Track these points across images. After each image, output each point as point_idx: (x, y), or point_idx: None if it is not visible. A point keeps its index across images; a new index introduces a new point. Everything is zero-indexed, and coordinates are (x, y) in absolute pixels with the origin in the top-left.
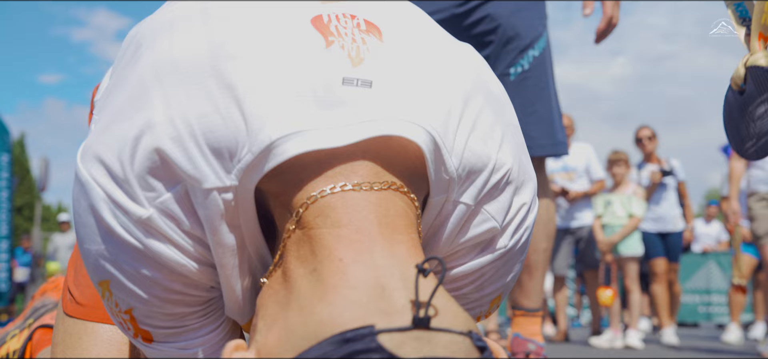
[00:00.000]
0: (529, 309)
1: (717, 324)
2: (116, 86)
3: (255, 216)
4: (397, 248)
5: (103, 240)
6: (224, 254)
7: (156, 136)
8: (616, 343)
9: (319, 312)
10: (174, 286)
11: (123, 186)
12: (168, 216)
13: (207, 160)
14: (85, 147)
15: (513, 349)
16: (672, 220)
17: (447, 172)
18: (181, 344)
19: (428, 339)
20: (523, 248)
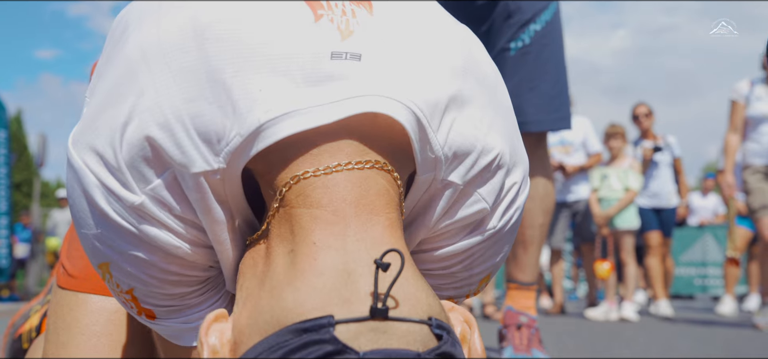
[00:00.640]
0: (523, 283)
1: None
2: (105, 69)
3: (242, 194)
4: (371, 230)
5: (98, 225)
6: (219, 231)
7: (144, 123)
8: (612, 315)
9: (285, 298)
10: (171, 268)
11: (115, 174)
12: (160, 202)
13: (195, 144)
14: (76, 133)
15: (505, 322)
16: (666, 196)
17: (432, 150)
18: (183, 319)
19: (384, 329)
20: (513, 229)
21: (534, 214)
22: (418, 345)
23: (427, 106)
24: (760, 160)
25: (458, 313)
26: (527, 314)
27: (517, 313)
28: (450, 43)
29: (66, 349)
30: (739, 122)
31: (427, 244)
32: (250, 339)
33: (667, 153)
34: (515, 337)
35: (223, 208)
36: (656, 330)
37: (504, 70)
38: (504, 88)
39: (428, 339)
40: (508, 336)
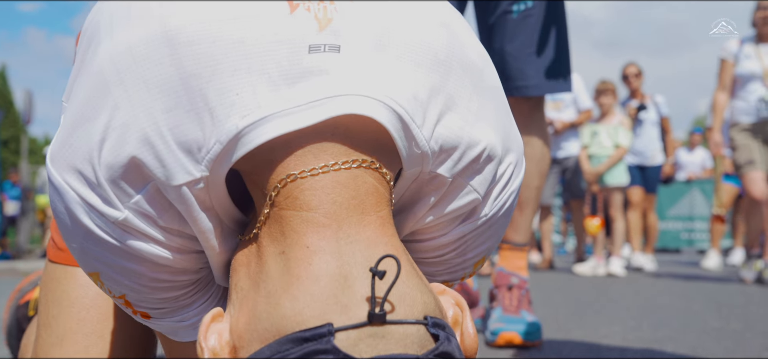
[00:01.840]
0: (516, 244)
1: (698, 250)
2: (79, 77)
3: (227, 198)
4: (364, 230)
5: (84, 239)
6: (207, 238)
7: (121, 139)
8: (599, 270)
9: (283, 305)
10: (160, 276)
11: (96, 190)
12: (144, 215)
13: (175, 156)
14: (54, 149)
15: (496, 282)
16: (650, 155)
17: (418, 146)
18: (178, 318)
19: (382, 334)
20: (508, 212)
21: (530, 176)
22: (416, 347)
23: (409, 102)
24: (747, 118)
25: (450, 296)
26: (519, 275)
27: (508, 274)
28: (432, 29)
29: (57, 322)
30: (727, 80)
31: (420, 235)
32: (250, 345)
33: (652, 111)
34: (505, 298)
35: (210, 215)
36: (642, 285)
37: (506, 32)
38: (492, 70)
39: (425, 339)
40: (498, 296)
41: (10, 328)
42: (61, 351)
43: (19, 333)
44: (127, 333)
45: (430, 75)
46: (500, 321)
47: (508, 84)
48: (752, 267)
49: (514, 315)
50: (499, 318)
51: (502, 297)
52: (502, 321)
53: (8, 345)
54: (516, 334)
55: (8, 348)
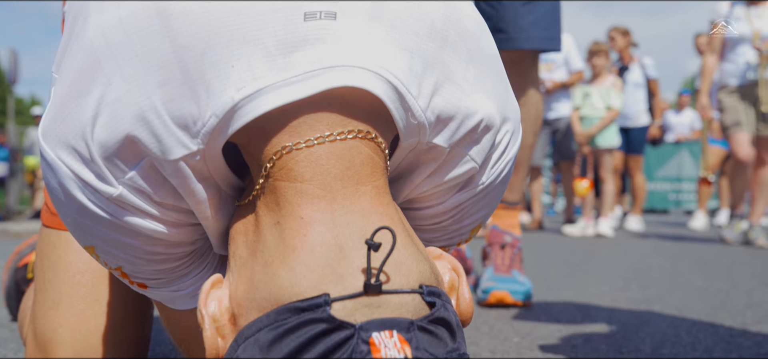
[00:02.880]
0: (509, 203)
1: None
2: (69, 49)
3: (225, 166)
4: (359, 201)
5: (79, 214)
6: (203, 209)
7: (115, 115)
8: (588, 231)
9: (279, 276)
10: (156, 249)
11: (90, 166)
12: (138, 191)
13: (171, 131)
14: (46, 124)
15: (489, 240)
16: (634, 117)
17: (415, 117)
18: (174, 287)
19: (378, 304)
20: (505, 180)
21: (525, 135)
22: (411, 315)
23: (404, 73)
24: (735, 80)
25: (446, 261)
26: (512, 233)
27: (502, 232)
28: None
29: (52, 286)
30: (717, 43)
31: (418, 203)
32: (249, 313)
33: (637, 73)
34: (497, 257)
35: (207, 185)
36: (630, 246)
37: None
38: (489, 38)
39: (421, 307)
40: (491, 255)
41: (9, 290)
42: (57, 314)
43: (18, 295)
44: (123, 297)
45: (426, 44)
46: (492, 280)
47: (500, 36)
48: (734, 228)
49: (506, 274)
50: (491, 277)
51: (495, 255)
52: (494, 280)
53: (7, 307)
54: (507, 293)
55: (7, 310)
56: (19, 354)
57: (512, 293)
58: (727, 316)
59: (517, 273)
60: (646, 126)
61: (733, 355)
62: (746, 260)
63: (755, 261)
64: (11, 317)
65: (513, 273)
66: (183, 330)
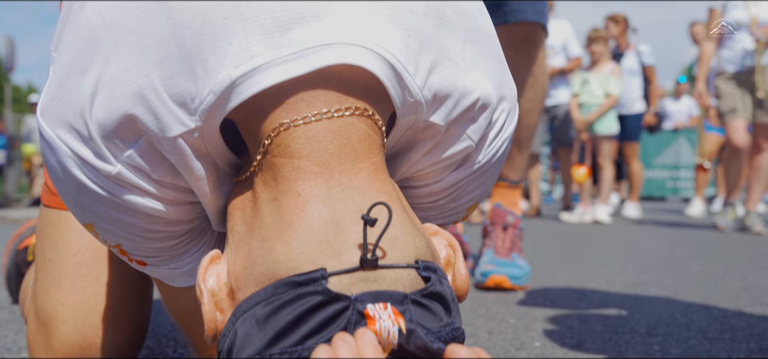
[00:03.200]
0: (512, 181)
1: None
2: (67, 28)
3: (223, 144)
4: (356, 177)
5: (77, 192)
6: (202, 186)
7: (113, 93)
8: (586, 218)
9: (277, 251)
10: (154, 227)
11: (88, 144)
12: (137, 169)
13: (169, 109)
14: (44, 102)
15: (492, 218)
16: (629, 104)
17: (411, 95)
18: (173, 265)
19: (374, 278)
20: (501, 159)
21: (531, 114)
22: (407, 289)
23: (401, 51)
24: (732, 67)
25: (442, 237)
26: (514, 213)
27: (505, 212)
28: None
29: (53, 265)
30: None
31: (415, 181)
32: (247, 288)
33: (633, 60)
34: (498, 238)
35: (205, 162)
36: (627, 232)
37: None
38: (485, 17)
39: (417, 282)
40: (492, 235)
41: (10, 273)
42: (58, 292)
43: (19, 277)
44: (123, 277)
45: (423, 23)
46: (491, 264)
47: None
48: (728, 215)
49: (505, 258)
50: (490, 260)
51: (496, 237)
52: (493, 264)
53: (8, 289)
54: (505, 278)
55: (8, 292)
56: (19, 334)
57: (511, 278)
58: (721, 299)
59: (517, 257)
60: (641, 113)
61: (727, 335)
62: (742, 246)
63: (751, 247)
64: (12, 299)
65: (512, 257)
66: (182, 307)
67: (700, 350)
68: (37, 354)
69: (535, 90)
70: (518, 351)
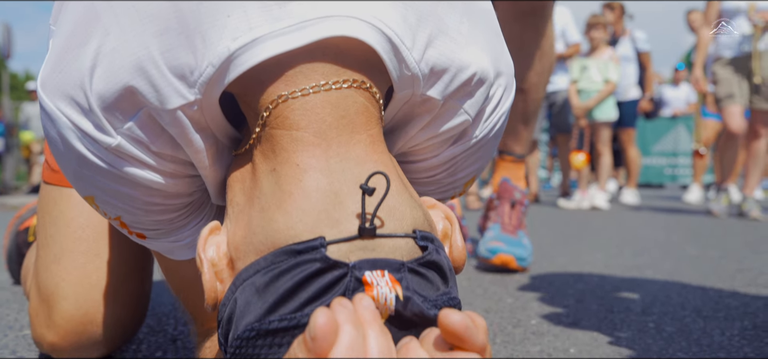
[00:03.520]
0: (518, 155)
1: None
2: (66, 2)
3: (222, 117)
4: (354, 148)
5: (78, 164)
6: (201, 159)
7: (113, 65)
8: (584, 204)
9: (276, 220)
10: (154, 200)
11: (88, 116)
12: (136, 141)
13: (168, 81)
14: (45, 75)
15: (500, 193)
16: (624, 90)
17: (408, 68)
18: (173, 238)
19: (373, 247)
20: (498, 134)
21: (539, 88)
22: (405, 258)
23: (398, 24)
24: (730, 52)
25: (439, 210)
26: (521, 189)
27: (513, 187)
28: None
29: (54, 241)
30: (713, 16)
31: (412, 156)
32: (247, 257)
33: (627, 46)
34: (505, 214)
35: (204, 135)
36: (625, 218)
37: None
38: None
39: (414, 251)
40: (499, 210)
41: (11, 254)
42: (59, 268)
43: (20, 258)
44: (123, 252)
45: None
46: (498, 241)
47: None
48: (722, 200)
49: (512, 235)
50: (498, 237)
51: (503, 212)
52: (501, 241)
53: (9, 270)
54: (513, 258)
55: (9, 273)
56: (21, 313)
57: (518, 259)
58: (717, 280)
59: (523, 235)
60: (637, 99)
61: (721, 314)
62: (739, 231)
63: (748, 232)
64: (13, 280)
65: (519, 235)
66: (181, 279)
67: (694, 328)
68: (39, 328)
69: (543, 63)
70: (515, 328)
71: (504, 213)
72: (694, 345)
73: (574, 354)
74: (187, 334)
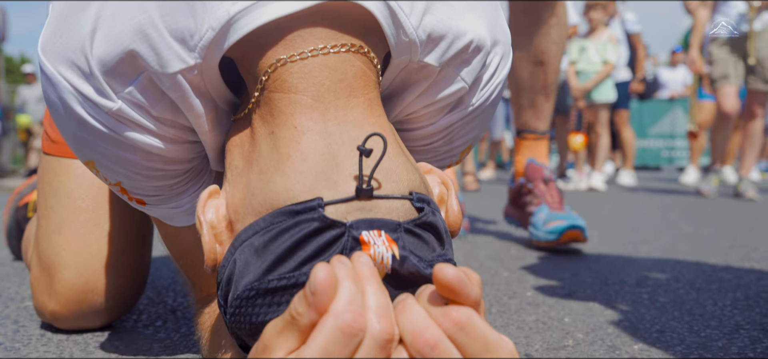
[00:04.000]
0: (541, 132)
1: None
2: None
3: (221, 82)
4: (351, 112)
5: (78, 129)
6: (201, 123)
7: (113, 29)
8: (581, 185)
9: (274, 182)
10: (154, 165)
11: (89, 80)
12: (137, 105)
13: (169, 45)
14: (45, 39)
15: (529, 176)
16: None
17: (406, 34)
18: (172, 204)
19: (370, 208)
20: (495, 103)
21: (557, 58)
22: (401, 218)
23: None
24: (726, 32)
25: (436, 175)
26: (547, 166)
27: (541, 166)
28: None
29: (54, 211)
30: None
31: (410, 124)
32: (245, 218)
33: (616, 28)
34: (547, 194)
35: (204, 100)
36: (621, 198)
37: None
38: None
39: (410, 213)
40: (536, 192)
41: (10, 229)
42: (60, 238)
43: (19, 233)
44: (123, 221)
45: None
46: (556, 220)
47: None
48: (712, 181)
49: (560, 211)
50: (552, 216)
51: (543, 192)
52: (558, 219)
53: (9, 246)
54: (580, 231)
55: (9, 249)
56: (22, 286)
57: (584, 231)
58: (711, 256)
59: (569, 209)
60: (627, 81)
61: (714, 286)
62: (735, 210)
63: (743, 211)
64: (13, 256)
65: (567, 210)
66: (181, 245)
67: (687, 299)
68: (40, 297)
69: (559, 31)
70: (510, 299)
71: (544, 192)
72: (687, 315)
73: (569, 322)
74: (186, 305)
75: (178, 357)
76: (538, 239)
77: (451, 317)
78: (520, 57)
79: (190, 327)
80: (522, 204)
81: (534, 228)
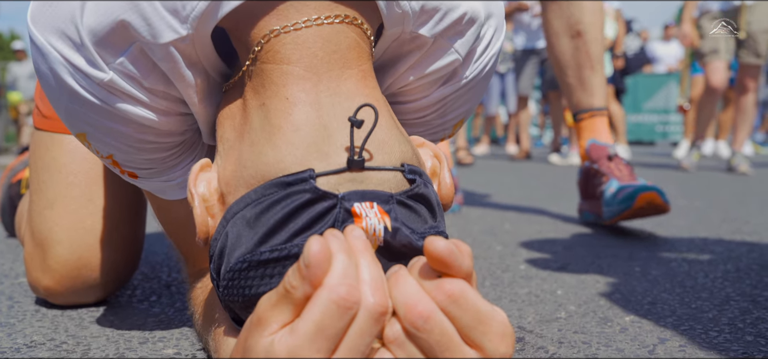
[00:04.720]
0: (597, 108)
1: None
2: None
3: (214, 52)
4: (344, 83)
5: (70, 100)
6: (192, 95)
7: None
8: (575, 160)
9: (266, 153)
10: (146, 137)
11: (80, 51)
12: (129, 76)
13: (160, 15)
14: (35, 9)
15: (593, 157)
16: None
17: (399, 6)
18: (165, 178)
19: (361, 179)
20: (488, 75)
21: (597, 28)
22: (393, 190)
23: None
24: (717, 5)
25: (428, 148)
26: (610, 144)
27: (603, 146)
28: None
29: (47, 187)
30: None
31: (403, 97)
32: (237, 191)
33: None
34: (614, 170)
35: (196, 70)
36: None
37: None
38: None
39: (402, 184)
40: (604, 170)
41: (3, 206)
42: (53, 213)
43: (12, 210)
44: (117, 196)
45: None
46: (628, 188)
47: None
48: (693, 156)
49: (631, 181)
50: (622, 187)
51: (611, 169)
52: (630, 187)
53: (2, 222)
54: (656, 193)
55: (2, 225)
56: (16, 262)
57: (662, 194)
58: (702, 229)
59: (640, 178)
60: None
61: (706, 258)
62: (728, 184)
63: (735, 185)
64: (6, 233)
65: (639, 180)
66: (173, 219)
67: (679, 271)
68: (34, 273)
69: (595, 4)
70: (503, 273)
71: (612, 169)
72: (678, 287)
73: (561, 295)
74: (180, 281)
75: (172, 331)
76: (612, 215)
77: (444, 289)
78: (555, 34)
79: (184, 302)
80: (592, 190)
81: (606, 206)
